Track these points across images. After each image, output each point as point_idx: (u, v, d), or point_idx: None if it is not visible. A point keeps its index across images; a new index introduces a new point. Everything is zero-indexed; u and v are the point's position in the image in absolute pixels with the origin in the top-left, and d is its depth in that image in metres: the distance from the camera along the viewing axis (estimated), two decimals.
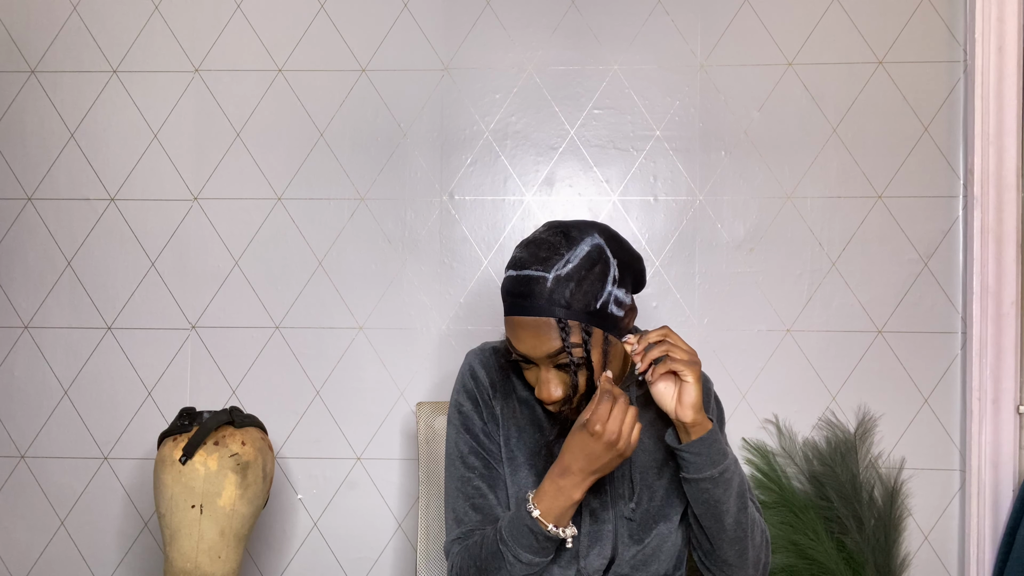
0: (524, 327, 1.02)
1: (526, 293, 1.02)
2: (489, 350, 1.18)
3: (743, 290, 1.70)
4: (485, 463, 1.13)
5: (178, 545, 1.37)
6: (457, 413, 1.16)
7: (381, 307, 1.72)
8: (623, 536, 1.11)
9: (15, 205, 1.74)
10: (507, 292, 1.05)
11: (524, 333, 1.02)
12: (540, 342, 1.02)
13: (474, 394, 1.15)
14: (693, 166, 1.71)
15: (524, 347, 1.03)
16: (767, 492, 1.64)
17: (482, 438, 1.14)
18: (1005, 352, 1.63)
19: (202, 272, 1.73)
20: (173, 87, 1.74)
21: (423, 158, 1.72)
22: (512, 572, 1.05)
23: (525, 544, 1.03)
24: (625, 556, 1.10)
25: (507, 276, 1.06)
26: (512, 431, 1.13)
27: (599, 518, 1.10)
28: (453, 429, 1.16)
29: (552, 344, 1.01)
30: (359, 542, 1.71)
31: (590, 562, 1.10)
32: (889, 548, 1.61)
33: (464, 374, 1.17)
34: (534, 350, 1.02)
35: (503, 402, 1.14)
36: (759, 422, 1.69)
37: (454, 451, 1.15)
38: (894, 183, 1.69)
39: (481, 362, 1.16)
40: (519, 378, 1.16)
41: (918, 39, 1.69)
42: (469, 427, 1.14)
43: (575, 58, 1.72)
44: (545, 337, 1.01)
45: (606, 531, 1.10)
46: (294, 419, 1.72)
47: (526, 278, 1.02)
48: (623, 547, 1.10)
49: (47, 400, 1.73)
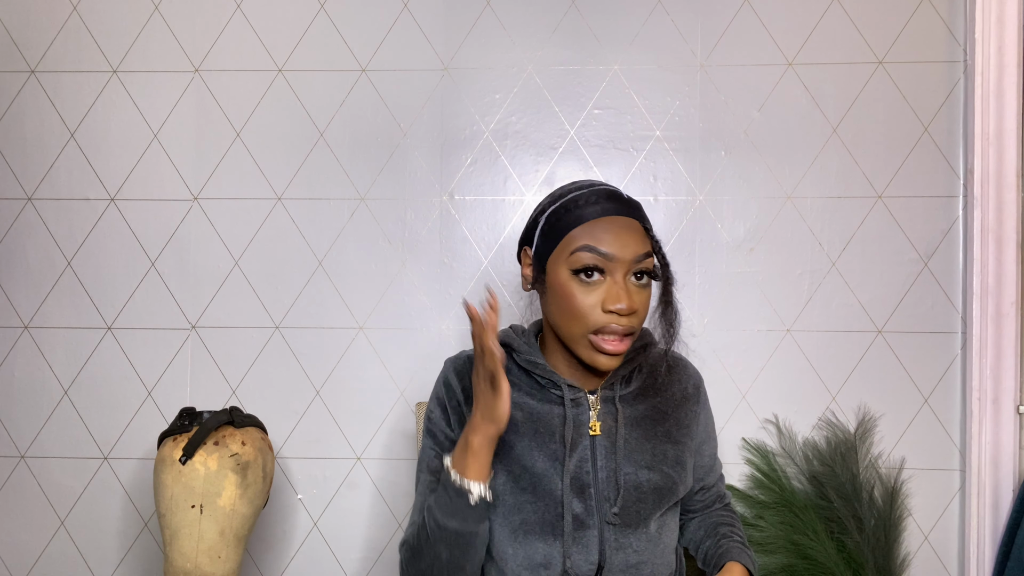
0: (622, 225, 1.05)
1: (620, 198, 1.08)
2: (465, 358, 1.18)
3: (743, 290, 1.70)
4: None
5: (178, 545, 1.37)
6: (428, 419, 1.17)
7: (381, 307, 1.72)
8: (610, 541, 1.09)
9: (15, 205, 1.74)
10: (597, 198, 1.07)
11: (621, 230, 1.05)
12: (634, 240, 1.05)
13: (443, 401, 1.15)
14: (693, 166, 1.71)
15: (616, 245, 1.04)
16: (767, 492, 1.64)
17: (448, 444, 1.14)
18: (1005, 352, 1.63)
19: (202, 272, 1.73)
20: (173, 87, 1.74)
21: (423, 158, 1.72)
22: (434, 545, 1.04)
23: (442, 503, 1.04)
24: (614, 561, 1.08)
25: (590, 189, 1.08)
26: None
27: (584, 523, 1.08)
28: (425, 435, 1.18)
29: (643, 246, 1.05)
30: (359, 542, 1.71)
31: (578, 568, 1.08)
32: (889, 548, 1.61)
33: (438, 383, 1.18)
34: (624, 249, 1.04)
35: None
36: (759, 422, 1.69)
37: (423, 455, 1.17)
38: (894, 183, 1.69)
39: (455, 369, 1.17)
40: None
41: (918, 39, 1.69)
42: (435, 433, 1.15)
43: (575, 58, 1.72)
44: (638, 236, 1.05)
45: (591, 536, 1.08)
46: (294, 419, 1.72)
47: (613, 189, 1.09)
48: (611, 552, 1.08)
49: (47, 400, 1.73)
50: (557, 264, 1.07)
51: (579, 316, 1.05)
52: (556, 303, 1.07)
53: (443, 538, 1.04)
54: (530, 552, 1.08)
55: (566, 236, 1.06)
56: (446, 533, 1.03)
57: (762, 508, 1.64)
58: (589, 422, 1.12)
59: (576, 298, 1.05)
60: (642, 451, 1.12)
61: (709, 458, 1.25)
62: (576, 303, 1.05)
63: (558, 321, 1.08)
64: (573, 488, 1.09)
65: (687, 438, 1.18)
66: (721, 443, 1.68)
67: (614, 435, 1.12)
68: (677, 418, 1.18)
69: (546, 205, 1.11)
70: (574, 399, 1.12)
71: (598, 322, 1.04)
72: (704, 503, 1.27)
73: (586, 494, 1.09)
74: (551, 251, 1.08)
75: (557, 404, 1.12)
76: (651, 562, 1.11)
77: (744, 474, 1.68)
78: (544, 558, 1.08)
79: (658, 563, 1.12)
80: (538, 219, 1.11)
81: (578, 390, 1.13)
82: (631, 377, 1.17)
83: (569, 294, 1.05)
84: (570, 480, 1.09)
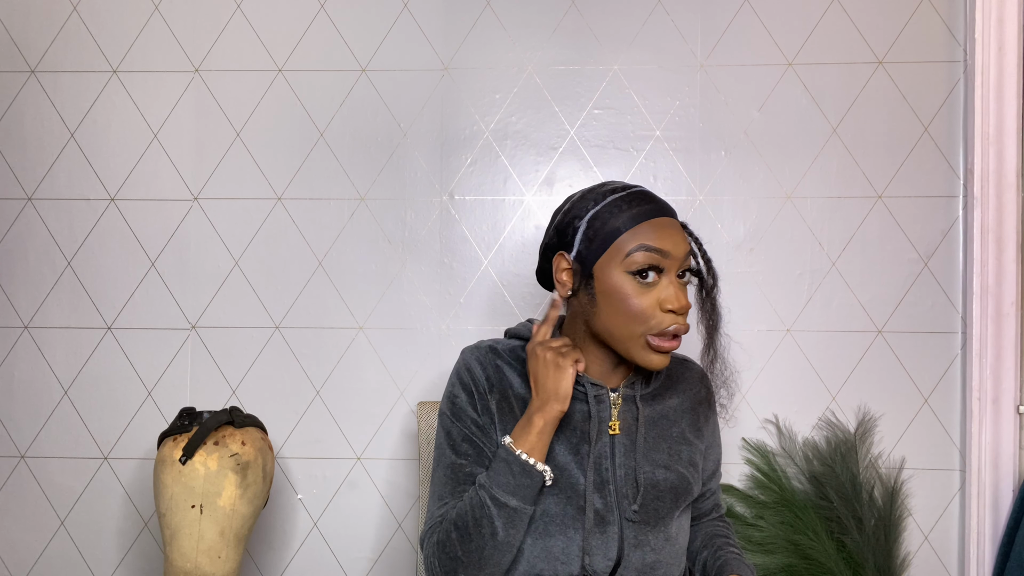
0: (670, 226, 1.07)
1: (658, 198, 1.09)
2: (486, 348, 1.17)
3: (743, 290, 1.70)
4: (478, 451, 1.12)
5: (178, 545, 1.37)
6: (451, 404, 1.15)
7: (381, 307, 1.72)
8: (629, 538, 1.09)
9: (15, 205, 1.74)
10: (640, 199, 1.08)
11: (671, 231, 1.07)
12: (681, 238, 1.07)
13: (470, 387, 1.14)
14: (693, 166, 1.71)
15: (671, 242, 1.06)
16: (767, 492, 1.64)
17: (475, 429, 1.13)
18: (1005, 352, 1.63)
19: (202, 272, 1.73)
20: (173, 87, 1.74)
21: (423, 158, 1.72)
22: (494, 523, 1.04)
23: (501, 482, 1.04)
24: (632, 558, 1.09)
25: (628, 192, 1.09)
26: (510, 427, 1.12)
27: (604, 519, 1.09)
28: (446, 419, 1.15)
29: (687, 244, 1.08)
30: (359, 542, 1.71)
31: (596, 564, 1.08)
32: (889, 548, 1.61)
33: (460, 368, 1.16)
34: (677, 247, 1.06)
35: (499, 398, 1.13)
36: (759, 422, 1.69)
37: (444, 441, 1.14)
38: (894, 183, 1.69)
39: (477, 358, 1.16)
40: (518, 375, 1.15)
41: (918, 39, 1.69)
42: (462, 417, 1.13)
43: (575, 58, 1.72)
44: (682, 235, 1.08)
45: (611, 532, 1.09)
46: (294, 419, 1.72)
47: (649, 192, 1.10)
48: (629, 549, 1.09)
49: (47, 400, 1.73)
50: (609, 267, 1.06)
51: (640, 318, 1.06)
52: (611, 306, 1.07)
53: (500, 515, 1.04)
54: (548, 544, 1.08)
55: (618, 239, 1.06)
56: (505, 511, 1.04)
57: (762, 508, 1.64)
58: (610, 420, 1.12)
59: (634, 299, 1.05)
60: (659, 450, 1.13)
61: (714, 463, 1.25)
62: (634, 304, 1.05)
63: (611, 324, 1.08)
64: (595, 484, 1.09)
65: (699, 440, 1.19)
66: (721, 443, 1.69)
67: (634, 433, 1.12)
68: (691, 419, 1.19)
69: (583, 209, 1.09)
70: (597, 396, 1.13)
71: (662, 323, 1.06)
72: (702, 511, 1.27)
73: (606, 491, 1.10)
74: (599, 255, 1.07)
75: (581, 401, 1.12)
76: (666, 562, 1.12)
77: (744, 474, 1.68)
78: (562, 552, 1.08)
79: (672, 564, 1.13)
80: (573, 223, 1.10)
81: (600, 387, 1.13)
82: (651, 376, 1.17)
83: (626, 296, 1.06)
84: (592, 477, 1.09)
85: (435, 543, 1.09)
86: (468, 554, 1.05)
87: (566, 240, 1.10)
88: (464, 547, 1.05)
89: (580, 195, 1.12)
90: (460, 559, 1.05)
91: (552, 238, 1.13)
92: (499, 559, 1.05)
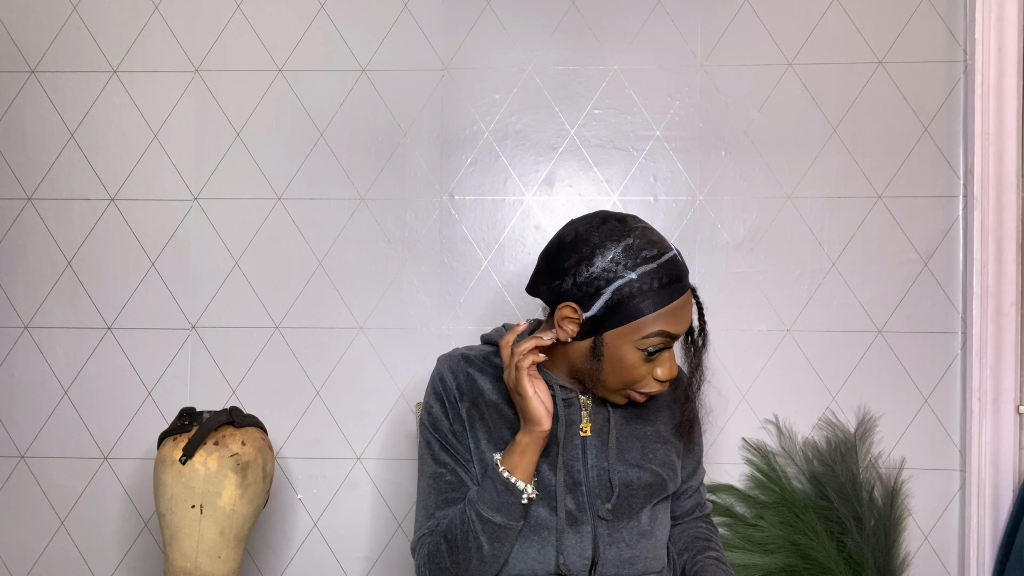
0: (687, 303, 1.08)
1: (684, 272, 1.08)
2: (458, 356, 1.20)
3: (743, 290, 1.70)
4: (456, 460, 1.15)
5: (178, 545, 1.37)
6: (428, 414, 1.18)
7: (381, 307, 1.72)
8: (603, 536, 1.11)
9: (15, 205, 1.74)
10: (668, 278, 1.05)
11: (687, 310, 1.08)
12: (690, 315, 1.08)
13: (442, 396, 1.17)
14: (693, 166, 1.71)
15: (684, 324, 1.08)
16: (767, 492, 1.64)
17: (451, 438, 1.16)
18: (1005, 352, 1.63)
19: (202, 272, 1.73)
20: (173, 87, 1.74)
21: (423, 158, 1.72)
22: (479, 538, 1.07)
23: (487, 499, 1.07)
24: (608, 556, 1.11)
25: (659, 264, 1.04)
26: (481, 433, 1.15)
27: (576, 520, 1.11)
28: (425, 429, 1.18)
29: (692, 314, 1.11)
30: (359, 542, 1.71)
31: (572, 563, 1.10)
32: (889, 548, 1.61)
33: (434, 378, 1.19)
34: (686, 324, 1.08)
35: (470, 405, 1.16)
36: (759, 422, 1.69)
37: (425, 450, 1.18)
38: (894, 183, 1.69)
39: (449, 367, 1.19)
40: (490, 380, 1.17)
41: (918, 39, 1.69)
42: (438, 426, 1.16)
43: (575, 58, 1.72)
44: (691, 308, 1.09)
45: (584, 532, 1.11)
46: (294, 419, 1.72)
47: (676, 259, 1.07)
48: (604, 547, 1.11)
49: (47, 400, 1.73)
50: (623, 340, 1.05)
51: (631, 380, 1.09)
52: (609, 366, 1.08)
53: (485, 531, 1.07)
54: (525, 546, 1.11)
55: (640, 319, 1.04)
56: (490, 526, 1.07)
57: (762, 508, 1.64)
58: (581, 422, 1.14)
59: (636, 369, 1.08)
60: (632, 450, 1.15)
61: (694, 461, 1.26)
62: (634, 373, 1.08)
63: (599, 375, 1.08)
64: (566, 485, 1.11)
65: (676, 438, 1.20)
66: (721, 443, 1.69)
67: (605, 435, 1.14)
68: (668, 418, 1.20)
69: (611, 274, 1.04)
70: (566, 399, 1.15)
71: (648, 386, 1.10)
72: (684, 509, 1.28)
73: (578, 492, 1.12)
74: (616, 326, 1.05)
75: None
76: (643, 556, 1.13)
77: (744, 474, 1.68)
78: (538, 553, 1.11)
79: (650, 557, 1.14)
80: (596, 284, 1.04)
81: (569, 391, 1.15)
82: None
83: (630, 366, 1.07)
84: (563, 477, 1.11)
85: (426, 555, 1.12)
86: (456, 566, 1.09)
87: (582, 296, 1.05)
88: (453, 559, 1.09)
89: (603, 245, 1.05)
90: (449, 570, 1.09)
91: (566, 283, 1.06)
92: (486, 572, 1.09)
